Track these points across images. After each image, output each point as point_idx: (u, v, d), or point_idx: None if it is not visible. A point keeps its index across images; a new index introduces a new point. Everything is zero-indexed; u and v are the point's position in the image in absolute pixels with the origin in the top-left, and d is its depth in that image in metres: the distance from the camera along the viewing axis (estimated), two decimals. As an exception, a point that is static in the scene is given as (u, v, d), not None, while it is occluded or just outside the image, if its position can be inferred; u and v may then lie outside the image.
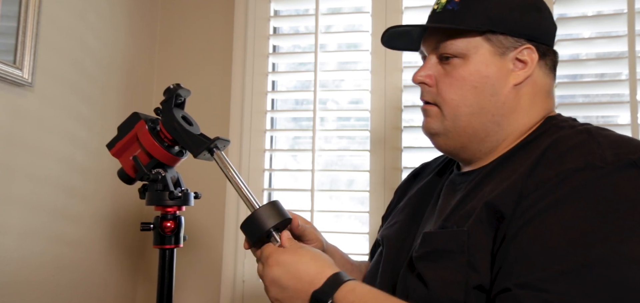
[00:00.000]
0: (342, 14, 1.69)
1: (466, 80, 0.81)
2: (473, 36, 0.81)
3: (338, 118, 1.71)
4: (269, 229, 0.82)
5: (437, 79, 0.84)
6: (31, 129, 1.28)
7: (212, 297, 1.66)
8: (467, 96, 0.81)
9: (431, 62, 0.85)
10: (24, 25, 1.23)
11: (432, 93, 0.85)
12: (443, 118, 0.83)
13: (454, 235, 0.74)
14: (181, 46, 1.78)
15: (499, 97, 0.81)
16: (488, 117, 0.81)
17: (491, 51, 0.81)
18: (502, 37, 0.81)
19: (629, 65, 1.38)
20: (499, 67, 0.81)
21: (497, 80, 0.81)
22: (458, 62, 0.81)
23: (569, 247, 0.63)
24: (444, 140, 0.85)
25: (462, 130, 0.82)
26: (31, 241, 1.28)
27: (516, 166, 0.75)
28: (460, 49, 0.81)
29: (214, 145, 0.90)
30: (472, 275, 0.71)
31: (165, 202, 0.95)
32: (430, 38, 0.86)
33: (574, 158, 0.69)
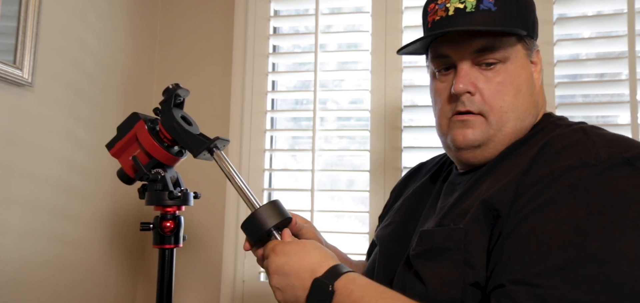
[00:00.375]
0: (342, 14, 1.69)
1: (510, 84, 0.79)
2: (514, 40, 0.80)
3: (338, 118, 1.71)
4: (269, 228, 0.82)
5: (478, 86, 0.79)
6: (31, 129, 1.28)
7: (212, 297, 1.66)
8: (513, 101, 0.79)
9: (469, 69, 0.80)
10: (24, 25, 1.23)
11: (476, 102, 0.79)
12: (488, 127, 0.79)
13: (451, 232, 0.74)
14: (181, 46, 1.78)
15: (534, 98, 0.82)
16: (529, 119, 0.82)
17: (525, 54, 0.81)
18: (530, 41, 0.82)
19: (629, 65, 1.37)
20: (529, 69, 0.82)
21: (532, 82, 0.82)
22: (500, 67, 0.79)
23: (562, 243, 0.63)
24: (481, 151, 0.81)
25: (505, 137, 0.79)
26: (31, 241, 1.28)
27: (513, 163, 0.75)
28: (507, 53, 0.79)
29: (214, 145, 0.90)
30: (469, 272, 0.71)
31: (165, 202, 0.95)
32: (465, 43, 0.79)
33: (569, 156, 0.69)
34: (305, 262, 0.76)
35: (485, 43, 0.78)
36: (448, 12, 0.79)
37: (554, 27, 1.46)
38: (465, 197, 0.78)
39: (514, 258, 0.66)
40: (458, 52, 0.80)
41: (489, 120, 0.79)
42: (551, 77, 1.44)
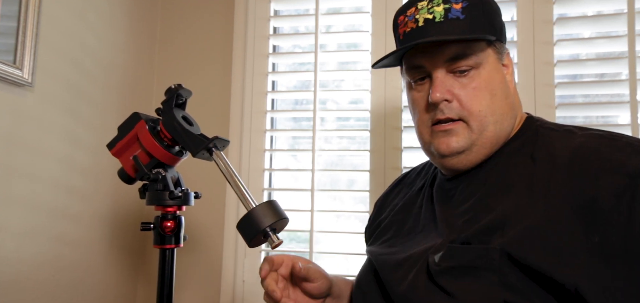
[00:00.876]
0: (342, 14, 1.69)
1: (485, 88, 0.81)
2: (485, 45, 0.82)
3: (338, 118, 1.71)
4: (264, 228, 0.81)
5: (455, 93, 0.81)
6: (31, 129, 1.27)
7: (212, 297, 1.66)
8: (490, 105, 0.81)
9: (443, 76, 0.81)
10: (24, 25, 1.23)
11: (455, 108, 0.81)
12: (470, 132, 0.81)
13: (483, 253, 0.72)
14: (181, 46, 1.78)
15: (509, 100, 0.84)
16: (507, 121, 0.83)
17: (496, 58, 0.83)
18: (500, 45, 0.85)
19: (629, 65, 1.38)
20: (502, 72, 0.84)
21: (505, 85, 0.84)
22: (474, 73, 0.81)
23: None
24: (466, 156, 0.82)
25: (487, 140, 0.81)
26: (31, 241, 1.28)
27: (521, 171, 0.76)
28: (479, 59, 0.81)
29: (213, 145, 0.90)
30: (507, 294, 0.68)
31: (166, 202, 0.95)
32: (437, 53, 0.81)
33: (623, 157, 0.69)
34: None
35: (457, 50, 0.80)
36: (418, 23, 0.82)
37: (554, 27, 1.46)
38: (479, 209, 0.77)
39: None
40: (432, 62, 0.82)
41: (470, 125, 0.80)
42: (551, 77, 1.44)
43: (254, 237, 0.82)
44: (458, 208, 0.81)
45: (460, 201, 0.82)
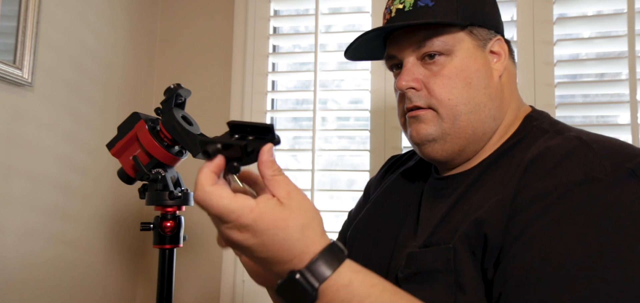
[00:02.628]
0: (342, 14, 1.69)
1: (459, 77, 0.77)
2: (456, 31, 0.78)
3: (338, 118, 1.71)
4: None
5: (424, 81, 0.79)
6: (31, 129, 1.28)
7: (212, 297, 1.66)
8: (463, 93, 0.77)
9: (412, 65, 0.80)
10: (24, 25, 1.23)
11: (423, 96, 0.79)
12: (441, 121, 0.77)
13: (440, 252, 0.70)
14: (181, 46, 1.78)
15: (490, 90, 0.78)
16: (485, 113, 0.78)
17: (474, 44, 0.79)
18: (482, 30, 0.80)
19: (629, 65, 1.37)
20: (483, 60, 0.79)
21: (486, 73, 0.79)
22: (444, 60, 0.77)
23: (577, 272, 0.59)
24: (441, 145, 0.78)
25: (462, 130, 0.77)
26: (30, 241, 1.28)
27: (501, 175, 0.72)
28: (447, 44, 0.77)
29: (214, 145, 0.90)
30: (460, 296, 0.67)
31: (165, 201, 0.96)
32: (405, 40, 0.80)
33: (571, 168, 0.65)
34: (286, 247, 0.55)
35: (423, 36, 0.78)
36: (391, 14, 0.81)
37: (554, 27, 1.46)
38: (453, 210, 0.74)
39: (525, 287, 0.61)
40: (401, 50, 0.81)
41: (440, 114, 0.77)
42: (551, 77, 1.44)
43: None
44: (439, 210, 0.78)
45: (444, 202, 0.79)
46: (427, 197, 0.84)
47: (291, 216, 0.55)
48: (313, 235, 0.56)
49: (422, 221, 0.81)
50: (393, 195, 0.92)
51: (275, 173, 0.58)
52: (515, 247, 0.64)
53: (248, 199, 0.55)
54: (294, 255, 0.55)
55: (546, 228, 0.62)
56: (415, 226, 0.83)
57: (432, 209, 0.80)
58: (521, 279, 0.61)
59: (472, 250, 0.68)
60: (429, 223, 0.78)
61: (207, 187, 0.55)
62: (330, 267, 0.56)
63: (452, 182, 0.80)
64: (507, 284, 0.63)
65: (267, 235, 0.55)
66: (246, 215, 0.54)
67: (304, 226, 0.56)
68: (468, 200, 0.74)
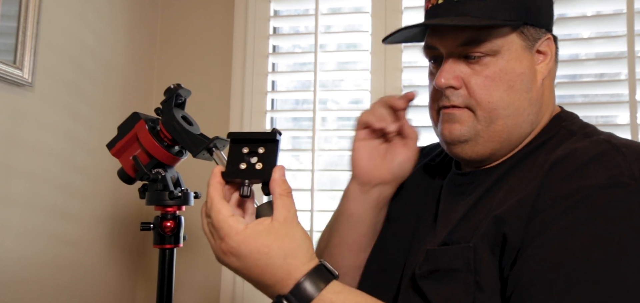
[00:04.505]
0: (342, 14, 1.69)
1: (501, 79, 0.72)
2: (507, 31, 0.72)
3: (338, 118, 1.71)
4: None
5: (465, 80, 0.74)
6: (31, 129, 1.28)
7: (212, 297, 1.66)
8: (504, 97, 0.72)
9: (454, 62, 0.75)
10: (24, 25, 1.23)
11: (462, 96, 0.74)
12: (476, 122, 0.73)
13: (460, 251, 0.68)
14: (181, 46, 1.78)
15: (532, 94, 0.74)
16: (524, 117, 0.73)
17: (523, 46, 0.73)
18: (533, 29, 0.74)
19: (629, 65, 1.38)
20: (529, 61, 0.74)
21: (530, 76, 0.73)
22: (489, 60, 0.72)
23: (590, 275, 0.58)
24: (472, 146, 0.75)
25: (496, 134, 0.73)
26: (30, 241, 1.28)
27: (527, 175, 0.69)
28: (496, 46, 0.72)
29: (213, 145, 0.91)
30: (479, 296, 0.65)
31: (165, 201, 0.96)
32: (448, 34, 0.75)
33: (597, 172, 0.62)
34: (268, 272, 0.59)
35: (470, 35, 0.72)
36: (438, 0, 0.75)
37: (554, 27, 1.45)
38: (475, 209, 0.72)
39: (537, 286, 0.59)
40: (444, 45, 0.76)
41: (476, 115, 0.73)
42: (551, 77, 1.45)
43: None
44: (460, 207, 0.76)
45: (464, 199, 0.77)
46: (447, 192, 0.81)
47: (275, 243, 0.59)
48: (296, 262, 0.60)
49: (441, 217, 0.79)
50: (413, 188, 0.89)
51: (283, 194, 0.63)
52: (532, 247, 0.62)
53: (239, 223, 0.60)
54: (277, 280, 0.59)
55: (565, 229, 0.60)
56: (433, 221, 0.81)
57: (452, 205, 0.78)
58: (534, 278, 0.60)
59: (491, 249, 0.66)
60: (448, 220, 0.76)
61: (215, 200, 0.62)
62: (316, 289, 0.59)
63: (473, 179, 0.77)
64: (519, 283, 0.61)
65: (250, 259, 0.59)
66: (232, 236, 0.60)
67: (286, 254, 0.59)
68: (490, 199, 0.71)
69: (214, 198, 0.63)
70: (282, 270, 0.59)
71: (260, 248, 0.59)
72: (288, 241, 0.60)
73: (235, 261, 0.60)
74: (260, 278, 0.60)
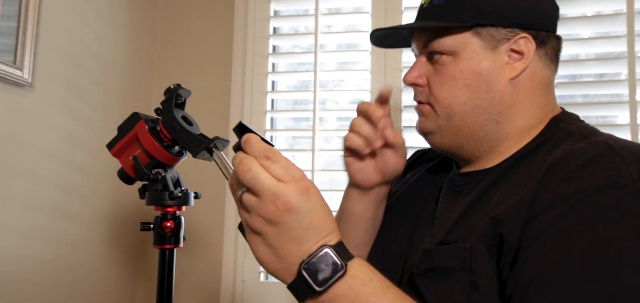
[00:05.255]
0: (342, 14, 1.69)
1: (457, 78, 0.76)
2: (461, 32, 0.76)
3: (338, 118, 1.71)
4: None
5: (428, 78, 0.80)
6: (31, 129, 1.28)
7: (212, 297, 1.66)
8: (459, 94, 0.76)
9: (421, 62, 0.82)
10: (24, 25, 1.23)
11: (424, 93, 0.81)
12: (436, 117, 0.79)
13: (457, 251, 0.70)
14: (181, 46, 1.78)
15: (494, 94, 0.76)
16: (485, 116, 0.76)
17: (481, 46, 0.76)
18: (493, 29, 0.75)
19: (629, 65, 1.38)
20: (491, 61, 0.76)
21: (491, 76, 0.75)
22: (447, 60, 0.77)
23: (592, 275, 0.58)
24: (438, 138, 0.81)
25: (457, 128, 0.78)
26: (30, 241, 1.28)
27: (522, 177, 0.70)
28: (449, 46, 0.77)
29: (213, 145, 0.90)
30: (475, 295, 0.66)
31: (165, 202, 0.95)
32: (419, 36, 0.82)
33: (595, 173, 0.63)
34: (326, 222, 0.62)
35: (429, 37, 0.79)
36: (422, 6, 0.83)
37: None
38: (472, 209, 0.73)
39: (536, 287, 0.60)
40: (415, 46, 0.84)
41: (436, 111, 0.79)
42: (551, 77, 1.45)
43: None
44: (458, 207, 0.77)
45: (462, 200, 0.78)
46: (446, 192, 0.83)
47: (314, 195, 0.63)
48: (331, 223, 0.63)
49: (439, 217, 0.80)
50: (416, 190, 0.91)
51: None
52: (531, 248, 0.62)
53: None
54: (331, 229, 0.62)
55: (564, 231, 0.61)
56: (431, 221, 0.82)
57: (450, 205, 0.79)
58: (532, 279, 0.61)
59: (488, 249, 0.67)
60: (446, 220, 0.77)
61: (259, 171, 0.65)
62: (351, 255, 0.62)
63: (471, 180, 0.79)
64: (518, 284, 0.62)
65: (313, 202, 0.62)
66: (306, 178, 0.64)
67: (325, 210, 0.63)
68: (487, 200, 0.72)
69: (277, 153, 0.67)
70: (330, 222, 0.63)
71: (319, 193, 0.64)
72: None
73: (307, 202, 0.61)
74: (323, 221, 0.62)
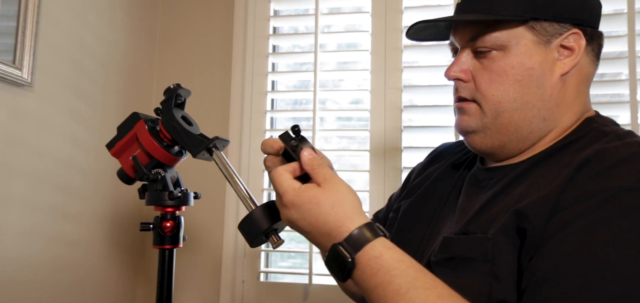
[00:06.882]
0: (342, 14, 1.69)
1: (508, 74, 0.73)
2: (515, 26, 0.73)
3: (338, 118, 1.71)
4: (266, 229, 0.81)
5: (473, 73, 0.77)
6: (31, 129, 1.27)
7: (212, 297, 1.66)
8: (509, 91, 0.73)
9: (465, 56, 0.78)
10: (23, 25, 1.23)
11: (469, 89, 0.77)
12: (482, 115, 0.76)
13: (478, 241, 0.69)
14: (181, 46, 1.78)
15: (544, 90, 0.74)
16: (534, 113, 0.74)
17: (534, 40, 0.74)
18: (547, 24, 0.73)
19: (629, 65, 1.38)
20: (543, 57, 0.74)
21: (542, 72, 0.73)
22: (497, 55, 0.74)
23: (606, 273, 0.57)
24: (481, 138, 0.77)
25: (503, 127, 0.75)
26: (30, 241, 1.28)
27: (550, 172, 0.68)
28: (501, 40, 0.74)
29: (213, 145, 0.90)
30: (495, 286, 0.66)
31: (165, 202, 0.95)
32: (462, 28, 0.78)
33: (625, 174, 0.61)
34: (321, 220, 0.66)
35: (477, 30, 0.75)
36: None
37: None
38: (493, 202, 0.72)
39: (551, 282, 0.59)
40: (457, 39, 0.80)
41: (482, 108, 0.76)
42: (551, 77, 1.44)
43: (256, 238, 0.82)
44: (479, 200, 0.76)
45: (485, 193, 0.77)
46: (469, 186, 0.82)
47: (323, 195, 0.67)
48: (344, 211, 0.66)
49: (460, 208, 0.79)
50: (438, 183, 0.90)
51: (315, 166, 0.71)
52: (549, 244, 0.62)
53: (294, 182, 0.70)
54: (331, 228, 0.66)
55: (583, 228, 0.60)
56: (453, 213, 0.81)
57: (472, 198, 0.79)
58: (547, 275, 0.60)
59: (511, 241, 0.66)
60: (467, 212, 0.76)
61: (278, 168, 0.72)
62: (366, 240, 0.64)
63: (495, 174, 0.78)
64: (533, 278, 0.61)
65: (304, 209, 0.67)
66: (289, 192, 0.69)
67: (333, 204, 0.66)
68: (510, 193, 0.71)
69: (274, 167, 0.73)
70: (332, 219, 0.66)
71: (311, 199, 0.67)
72: (333, 193, 0.67)
73: (294, 212, 0.68)
74: (315, 226, 0.67)
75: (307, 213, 0.67)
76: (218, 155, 0.90)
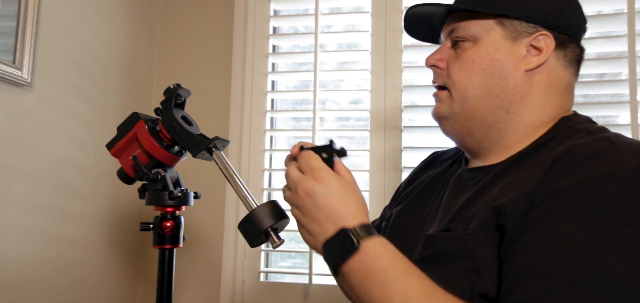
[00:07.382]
0: (341, 14, 1.69)
1: (474, 62, 0.79)
2: (486, 19, 0.80)
3: (338, 118, 1.71)
4: (266, 229, 0.81)
5: (448, 62, 0.83)
6: (31, 129, 1.27)
7: (212, 297, 1.66)
8: (475, 78, 0.79)
9: (445, 46, 0.85)
10: (23, 25, 1.23)
11: (442, 76, 0.84)
12: (451, 101, 0.82)
13: (459, 238, 0.72)
14: (181, 46, 1.78)
15: (508, 82, 0.78)
16: (497, 102, 0.79)
17: (503, 35, 0.79)
18: (517, 22, 0.79)
19: (629, 65, 1.37)
20: (509, 51, 0.79)
21: (507, 64, 0.79)
22: (469, 45, 0.80)
23: (577, 258, 0.60)
24: (451, 123, 0.83)
25: (469, 113, 0.80)
26: (30, 241, 1.28)
27: (527, 171, 0.72)
28: (472, 31, 0.80)
29: (213, 145, 0.90)
30: (477, 280, 0.69)
31: (165, 202, 0.95)
32: (449, 23, 0.85)
33: (595, 166, 0.65)
34: (342, 206, 0.70)
35: (454, 23, 0.83)
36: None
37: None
38: (474, 200, 0.76)
39: (525, 273, 0.63)
40: (444, 32, 0.87)
41: (452, 95, 0.82)
42: (551, 77, 1.44)
43: (256, 238, 0.82)
44: (461, 199, 0.79)
45: (466, 192, 0.80)
46: (453, 187, 0.86)
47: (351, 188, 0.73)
48: (360, 208, 0.72)
49: (443, 208, 0.83)
50: (429, 189, 0.94)
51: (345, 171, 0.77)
52: (525, 238, 0.65)
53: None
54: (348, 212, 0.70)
55: (556, 220, 0.64)
56: (436, 213, 0.85)
57: (455, 198, 0.82)
58: (523, 265, 0.64)
59: (490, 237, 0.70)
60: (449, 210, 0.80)
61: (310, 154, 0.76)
62: (370, 234, 0.69)
63: (477, 174, 0.82)
64: (511, 270, 0.65)
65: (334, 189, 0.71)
66: (323, 169, 0.73)
67: (359, 198, 0.73)
68: (490, 191, 0.75)
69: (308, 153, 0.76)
70: (352, 208, 0.71)
71: (340, 184, 0.72)
72: (358, 193, 0.74)
73: (320, 186, 0.71)
74: (333, 206, 0.70)
75: (333, 193, 0.71)
76: (218, 155, 0.90)
